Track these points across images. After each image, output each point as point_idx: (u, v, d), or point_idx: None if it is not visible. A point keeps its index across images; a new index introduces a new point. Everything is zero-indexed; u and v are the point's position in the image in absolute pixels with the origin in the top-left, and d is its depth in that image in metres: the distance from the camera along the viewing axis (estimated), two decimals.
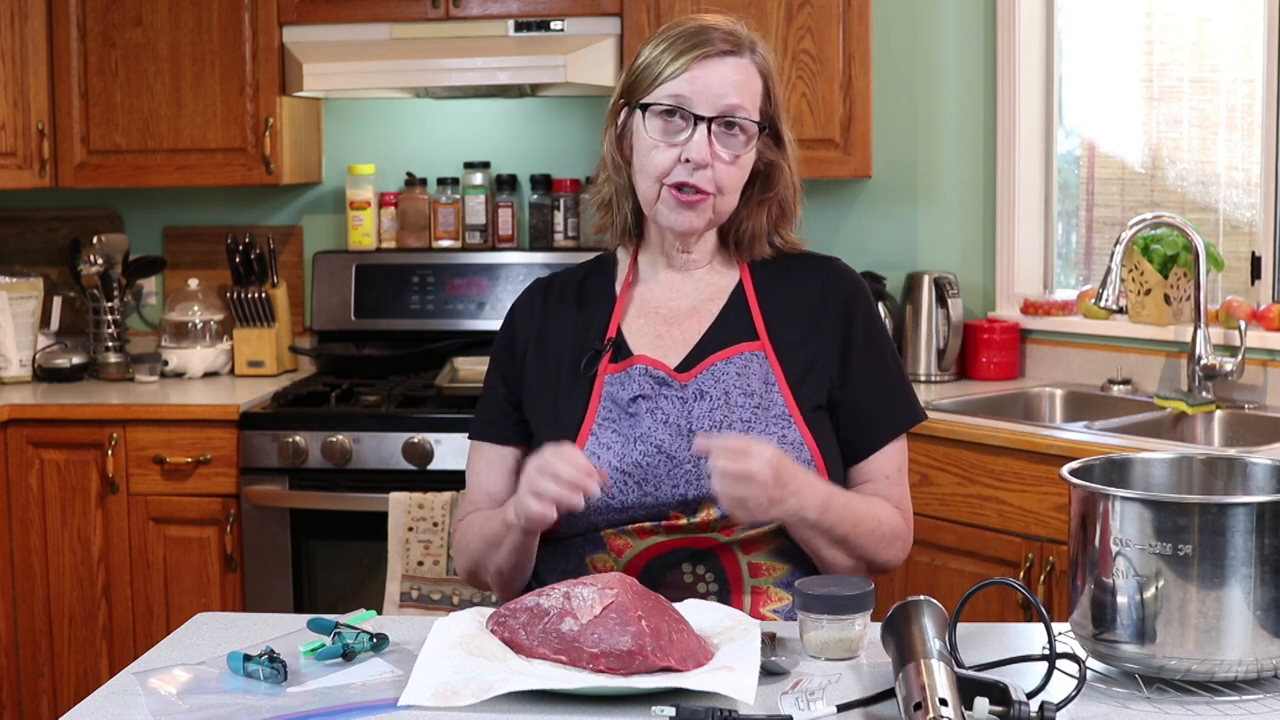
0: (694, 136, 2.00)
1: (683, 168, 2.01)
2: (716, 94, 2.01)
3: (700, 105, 2.01)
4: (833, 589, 1.78)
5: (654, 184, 2.04)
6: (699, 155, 2.00)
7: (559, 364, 2.12)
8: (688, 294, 2.14)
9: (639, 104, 2.04)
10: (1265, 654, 1.61)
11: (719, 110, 2.01)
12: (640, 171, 2.05)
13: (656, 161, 2.02)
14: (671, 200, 2.03)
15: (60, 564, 3.83)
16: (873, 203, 4.18)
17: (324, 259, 4.31)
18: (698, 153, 2.00)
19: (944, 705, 1.47)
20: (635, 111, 2.05)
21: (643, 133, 2.03)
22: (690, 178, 2.01)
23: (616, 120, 2.10)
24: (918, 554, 3.34)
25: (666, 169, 2.02)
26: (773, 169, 2.10)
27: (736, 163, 2.03)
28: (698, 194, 2.02)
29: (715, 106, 2.01)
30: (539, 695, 1.62)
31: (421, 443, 3.64)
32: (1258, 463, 1.81)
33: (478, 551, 2.10)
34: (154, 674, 1.74)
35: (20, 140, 4.03)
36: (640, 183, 2.06)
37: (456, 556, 2.20)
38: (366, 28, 3.98)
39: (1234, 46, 3.70)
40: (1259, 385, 3.53)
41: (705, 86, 2.01)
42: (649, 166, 2.03)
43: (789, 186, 2.12)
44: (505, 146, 4.34)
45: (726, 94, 2.01)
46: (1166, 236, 3.62)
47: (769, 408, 2.04)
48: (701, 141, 2.00)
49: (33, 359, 4.19)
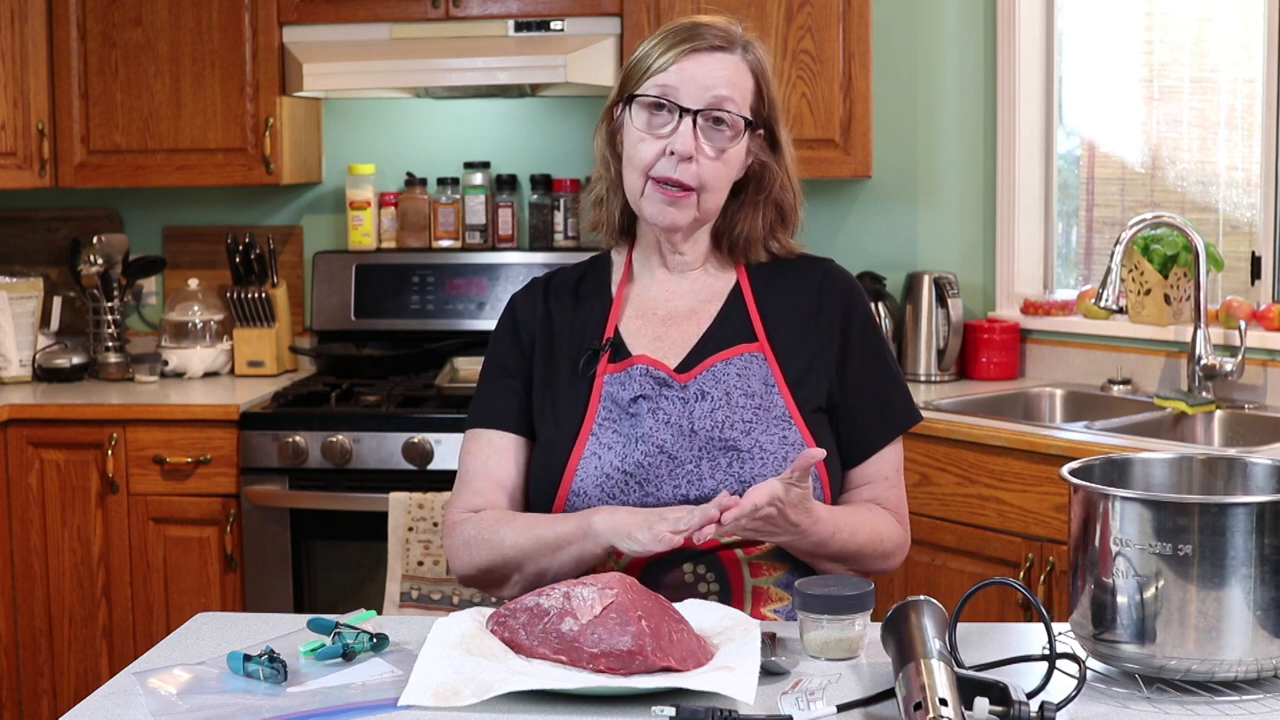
0: (679, 128, 2.00)
1: (667, 161, 2.01)
2: (704, 86, 2.00)
3: (687, 98, 2.00)
4: (833, 589, 1.78)
5: (640, 177, 2.03)
6: (683, 147, 1.99)
7: (559, 363, 2.12)
8: (685, 295, 2.13)
9: (627, 96, 2.04)
10: (1265, 654, 1.61)
11: (705, 103, 2.01)
12: (627, 164, 2.05)
13: (642, 153, 2.02)
14: (655, 195, 2.03)
15: (60, 564, 3.83)
16: (873, 203, 4.18)
17: (324, 259, 4.31)
18: (682, 144, 1.99)
19: (944, 705, 1.47)
20: (625, 105, 2.05)
21: (630, 125, 2.03)
22: (674, 172, 2.01)
23: (612, 116, 2.10)
24: (918, 554, 3.34)
25: (651, 161, 2.01)
26: (766, 170, 2.09)
27: (721, 158, 2.02)
28: (681, 190, 2.02)
29: (702, 99, 2.01)
30: (539, 695, 1.62)
31: (421, 443, 3.64)
32: (1258, 463, 1.82)
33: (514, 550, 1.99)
34: (154, 674, 1.74)
35: (20, 140, 4.03)
36: (627, 176, 2.06)
37: (465, 552, 2.04)
38: (366, 28, 3.98)
39: (1234, 46, 3.70)
40: (1259, 385, 3.53)
41: (692, 78, 2.00)
42: (635, 158, 2.03)
43: (785, 190, 2.11)
44: (505, 146, 4.34)
45: (714, 86, 2.01)
46: (1166, 236, 3.62)
47: (770, 409, 2.04)
48: (686, 133, 2.00)
49: (33, 359, 4.19)
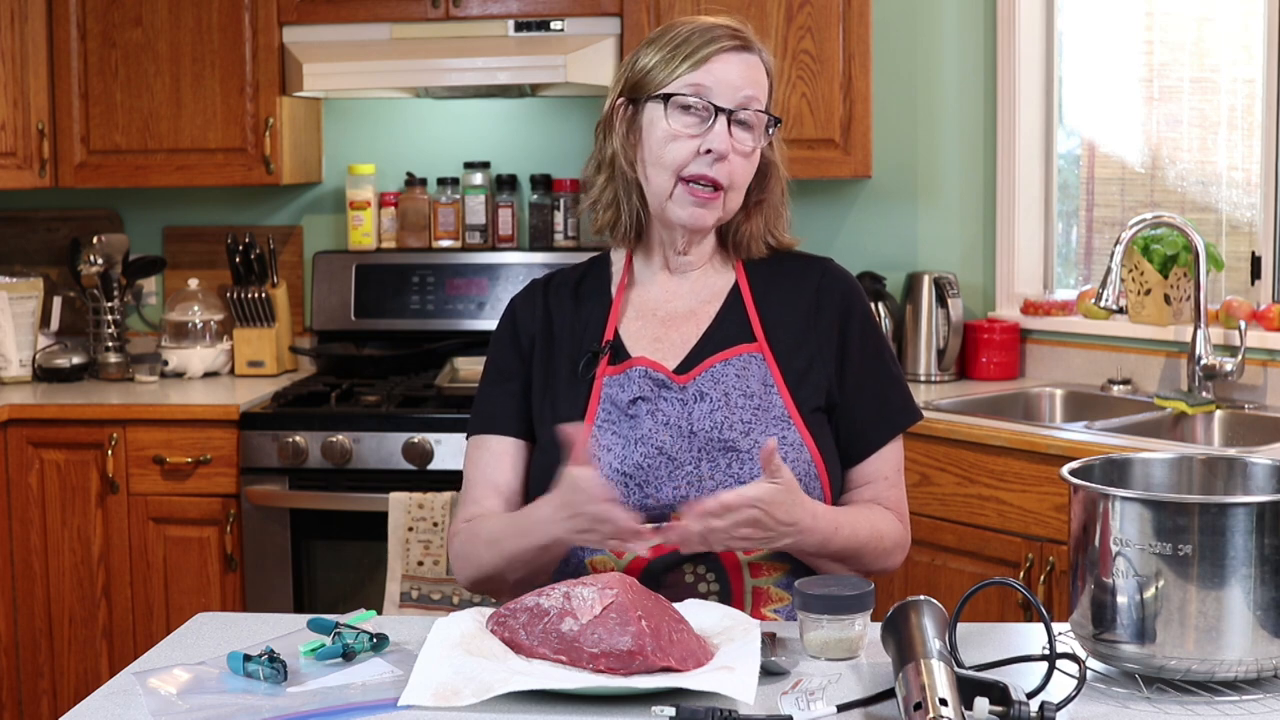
0: (715, 128, 2.01)
1: (702, 160, 2.01)
2: (735, 86, 2.02)
3: (720, 97, 2.01)
4: (833, 589, 1.78)
5: (670, 177, 2.03)
6: (721, 145, 2.00)
7: (558, 364, 2.12)
8: (684, 296, 2.14)
9: (659, 95, 2.03)
10: (1265, 654, 1.61)
11: (738, 102, 2.02)
12: (655, 164, 2.04)
13: (674, 154, 2.02)
14: (686, 196, 2.03)
15: (60, 564, 3.83)
16: (873, 203, 4.18)
17: (324, 259, 4.31)
18: (720, 143, 2.00)
19: (944, 705, 1.47)
20: (647, 105, 2.04)
21: (662, 124, 2.02)
22: (709, 170, 2.01)
23: (624, 118, 2.09)
24: (918, 554, 3.34)
25: (684, 161, 2.02)
26: (769, 168, 2.11)
27: (750, 157, 2.04)
28: (714, 190, 2.02)
29: (734, 99, 2.02)
30: (539, 695, 1.62)
31: (421, 443, 3.64)
32: (1258, 463, 1.82)
33: (494, 565, 2.04)
34: (154, 674, 1.74)
35: (20, 140, 4.03)
36: (654, 177, 2.04)
37: (461, 564, 2.10)
38: (366, 28, 3.98)
39: (1234, 46, 3.70)
40: (1259, 385, 3.53)
41: (724, 78, 2.02)
42: (665, 159, 2.02)
43: (779, 183, 2.13)
44: (505, 146, 4.34)
45: (744, 86, 2.02)
46: (1166, 236, 3.62)
47: (769, 409, 2.04)
48: (722, 132, 2.01)
49: (33, 359, 4.19)
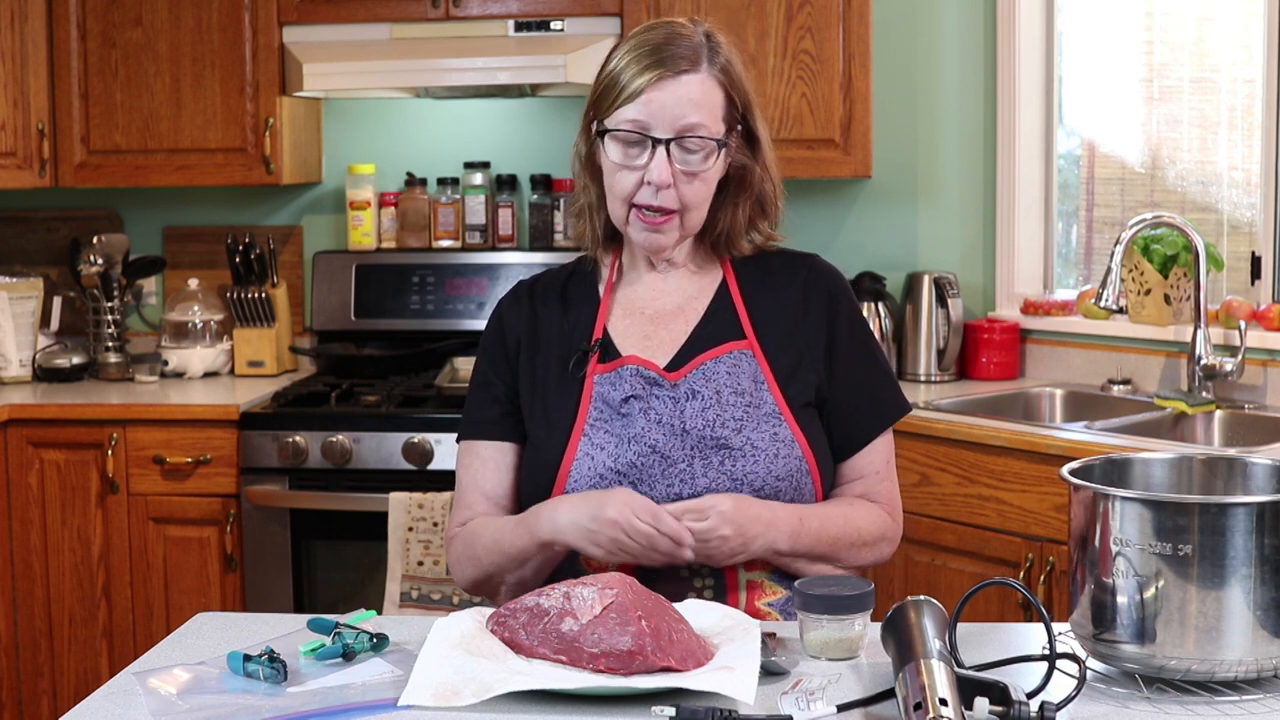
0: (654, 159, 2.01)
1: (646, 189, 2.03)
2: (674, 115, 2.01)
3: (658, 128, 2.01)
4: (833, 589, 1.78)
5: (622, 206, 2.06)
6: (659, 177, 2.01)
7: (547, 365, 2.13)
8: (672, 293, 2.15)
9: (598, 131, 2.05)
10: (1265, 654, 1.61)
11: (677, 130, 2.01)
12: (609, 191, 2.07)
13: (621, 184, 2.04)
14: (639, 222, 2.06)
15: (60, 564, 3.83)
16: (873, 203, 4.18)
17: (324, 259, 4.31)
18: (658, 175, 2.01)
19: (944, 705, 1.47)
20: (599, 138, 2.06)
21: (605, 158, 2.05)
22: (654, 199, 2.03)
23: (589, 134, 2.10)
24: (918, 554, 3.34)
25: (631, 191, 2.04)
26: (746, 171, 2.11)
27: (699, 178, 2.04)
28: (663, 215, 2.04)
29: (673, 127, 2.01)
30: (539, 695, 1.62)
31: (421, 443, 3.64)
32: (1258, 463, 1.82)
33: (492, 565, 2.07)
34: (154, 674, 1.75)
35: (20, 140, 4.03)
36: (610, 204, 2.08)
37: (459, 567, 2.13)
38: (366, 28, 3.98)
39: (1234, 46, 3.70)
40: (1259, 385, 3.53)
41: (661, 109, 2.01)
42: (615, 188, 2.05)
43: (765, 181, 2.12)
44: (505, 146, 4.34)
45: (684, 114, 2.01)
46: (1166, 236, 3.62)
47: (760, 406, 2.04)
48: (661, 163, 2.01)
49: (33, 359, 4.19)
